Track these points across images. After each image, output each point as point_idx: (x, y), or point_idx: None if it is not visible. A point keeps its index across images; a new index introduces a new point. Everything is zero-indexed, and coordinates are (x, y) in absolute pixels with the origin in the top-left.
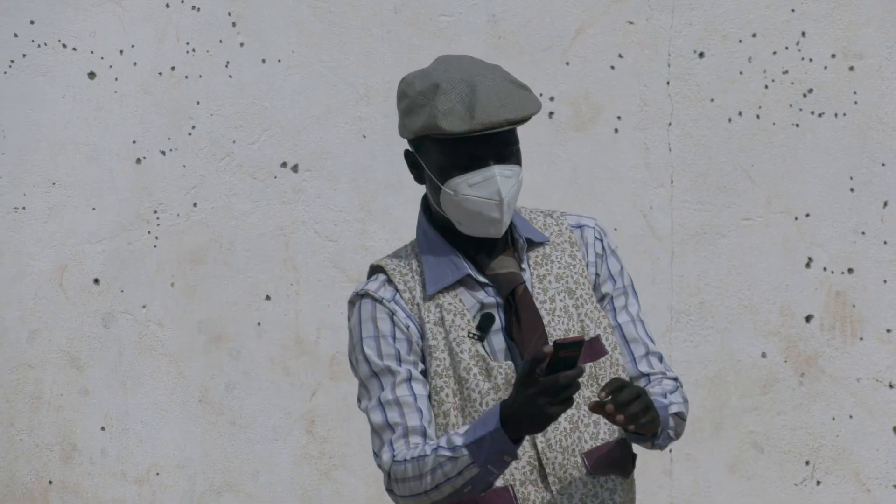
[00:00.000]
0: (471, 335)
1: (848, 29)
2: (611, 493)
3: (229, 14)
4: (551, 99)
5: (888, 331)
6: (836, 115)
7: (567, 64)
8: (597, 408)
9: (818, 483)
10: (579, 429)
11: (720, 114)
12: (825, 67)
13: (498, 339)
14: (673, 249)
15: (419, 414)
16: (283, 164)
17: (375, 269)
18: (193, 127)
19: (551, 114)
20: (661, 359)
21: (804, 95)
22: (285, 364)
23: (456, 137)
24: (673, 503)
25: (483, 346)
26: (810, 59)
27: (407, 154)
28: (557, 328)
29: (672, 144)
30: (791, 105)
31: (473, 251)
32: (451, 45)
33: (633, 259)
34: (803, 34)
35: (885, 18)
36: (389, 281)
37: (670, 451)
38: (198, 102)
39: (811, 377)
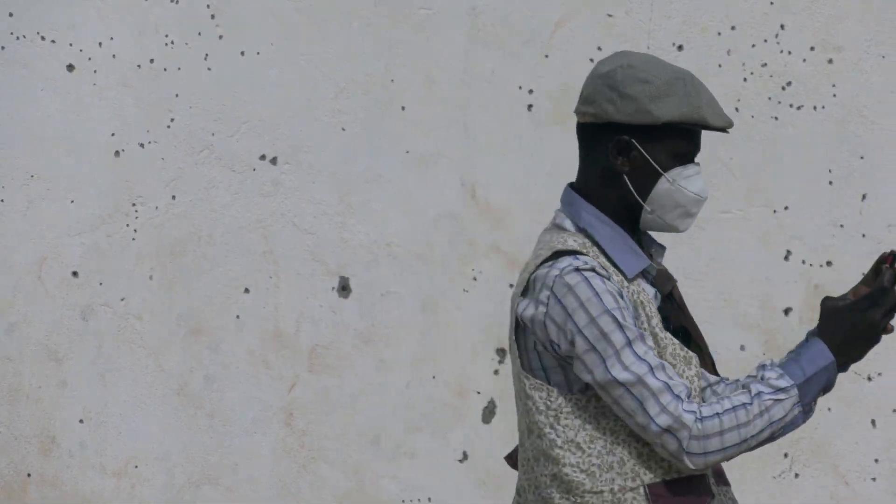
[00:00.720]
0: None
1: (827, 22)
2: (732, 502)
3: (208, 6)
4: (530, 92)
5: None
6: (814, 107)
7: (546, 57)
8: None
9: (796, 476)
10: None
11: None
12: (804, 60)
13: None
14: None
15: (681, 376)
16: (262, 157)
17: (569, 252)
18: (172, 119)
19: (530, 107)
20: None
21: (783, 88)
22: (264, 357)
23: (695, 131)
24: None
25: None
26: (789, 52)
27: (620, 140)
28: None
29: None
30: (770, 98)
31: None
32: (431, 38)
33: None
34: (782, 27)
35: (864, 11)
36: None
37: None
38: (177, 95)
39: None
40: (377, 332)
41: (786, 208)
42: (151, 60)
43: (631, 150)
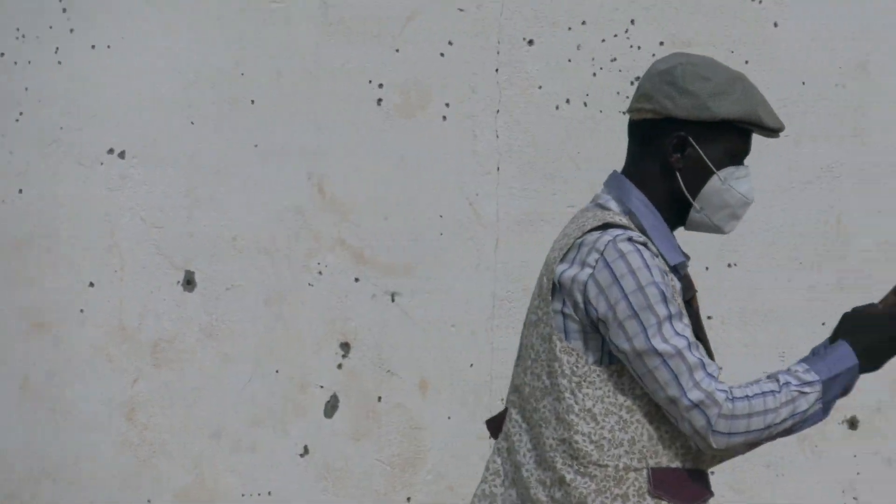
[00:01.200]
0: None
1: (676, 16)
2: None
3: (60, 0)
4: (380, 86)
5: (709, 317)
6: None
7: (397, 51)
8: None
9: None
10: None
11: (548, 101)
12: (653, 55)
13: None
14: (498, 237)
15: None
16: (111, 151)
17: (617, 226)
18: (21, 113)
19: (380, 100)
20: None
21: (632, 83)
22: (107, 351)
23: (748, 131)
24: None
25: None
26: (639, 47)
27: (676, 136)
28: None
29: (499, 131)
30: (618, 93)
31: None
32: (283, 31)
33: (458, 246)
34: (632, 22)
35: (713, 6)
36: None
37: (490, 437)
38: (26, 89)
39: None
40: (221, 326)
41: None
42: (2, 54)
43: (686, 147)
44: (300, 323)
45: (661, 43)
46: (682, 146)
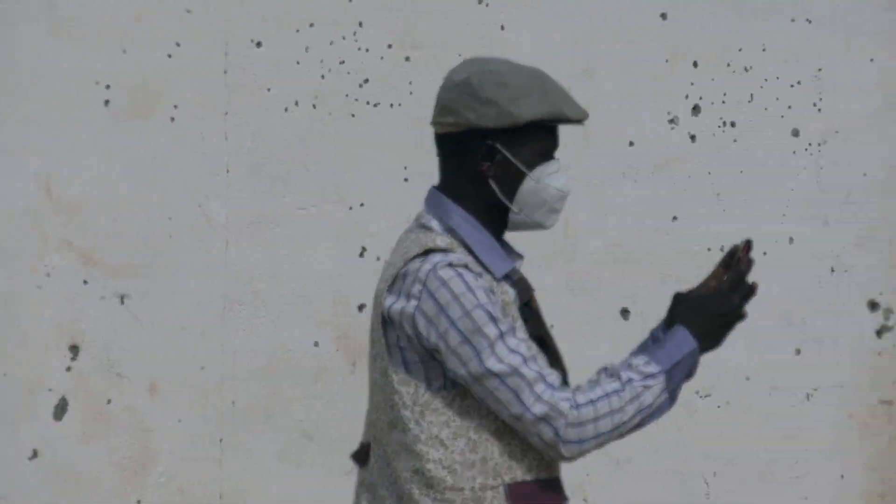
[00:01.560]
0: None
1: (404, 19)
2: None
3: None
4: (107, 87)
5: None
6: (391, 105)
7: (124, 52)
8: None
9: None
10: None
11: (277, 103)
12: (381, 58)
13: None
14: (227, 238)
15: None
16: None
17: (440, 250)
18: None
19: (107, 102)
20: None
21: (360, 85)
22: None
23: (551, 127)
24: (222, 492)
25: None
26: (367, 49)
27: (484, 145)
28: None
29: (228, 133)
30: (347, 95)
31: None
32: (8, 31)
33: (188, 248)
34: (360, 24)
35: (441, 8)
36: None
37: (221, 440)
38: None
39: (364, 366)
40: None
41: (361, 205)
42: None
43: (495, 154)
44: (28, 325)
45: (390, 45)
46: (491, 154)
